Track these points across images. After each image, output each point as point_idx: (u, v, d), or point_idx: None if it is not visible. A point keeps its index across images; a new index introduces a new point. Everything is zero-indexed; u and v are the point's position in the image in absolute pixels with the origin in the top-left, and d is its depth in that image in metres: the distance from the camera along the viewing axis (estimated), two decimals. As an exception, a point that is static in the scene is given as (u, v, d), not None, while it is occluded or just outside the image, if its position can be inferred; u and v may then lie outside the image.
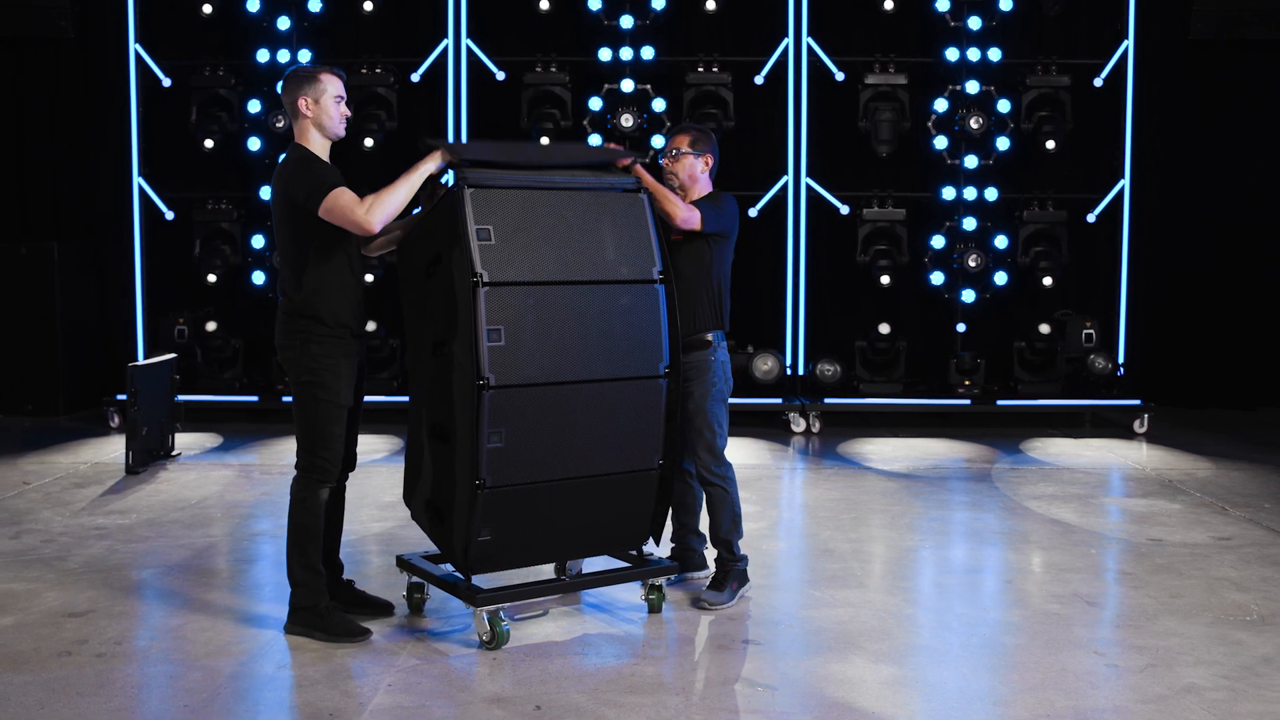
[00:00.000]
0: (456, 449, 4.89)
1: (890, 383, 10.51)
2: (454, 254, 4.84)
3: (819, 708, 4.39)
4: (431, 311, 5.03)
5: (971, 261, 10.39)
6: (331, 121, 5.12)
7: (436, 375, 5.01)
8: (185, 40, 10.74)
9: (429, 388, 5.09)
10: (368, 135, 10.26)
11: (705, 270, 5.47)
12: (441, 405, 4.98)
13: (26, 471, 8.34)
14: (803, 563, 6.37)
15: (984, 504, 7.63)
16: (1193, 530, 6.95)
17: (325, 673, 4.69)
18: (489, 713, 4.30)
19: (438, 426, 5.02)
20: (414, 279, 5.15)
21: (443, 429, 4.98)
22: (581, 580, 5.35)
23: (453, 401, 4.88)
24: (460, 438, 4.86)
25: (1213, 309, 11.12)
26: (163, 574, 5.98)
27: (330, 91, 5.12)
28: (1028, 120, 10.47)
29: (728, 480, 5.50)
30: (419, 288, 5.10)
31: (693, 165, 5.59)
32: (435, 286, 4.98)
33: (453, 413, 4.89)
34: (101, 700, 4.38)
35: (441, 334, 4.94)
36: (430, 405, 5.09)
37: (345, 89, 5.22)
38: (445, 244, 4.88)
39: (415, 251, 5.12)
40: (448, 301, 4.88)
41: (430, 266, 4.99)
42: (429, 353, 5.04)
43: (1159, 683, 4.62)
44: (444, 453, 4.99)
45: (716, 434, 5.49)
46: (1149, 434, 10.01)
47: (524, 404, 4.85)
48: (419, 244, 5.08)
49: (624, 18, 10.37)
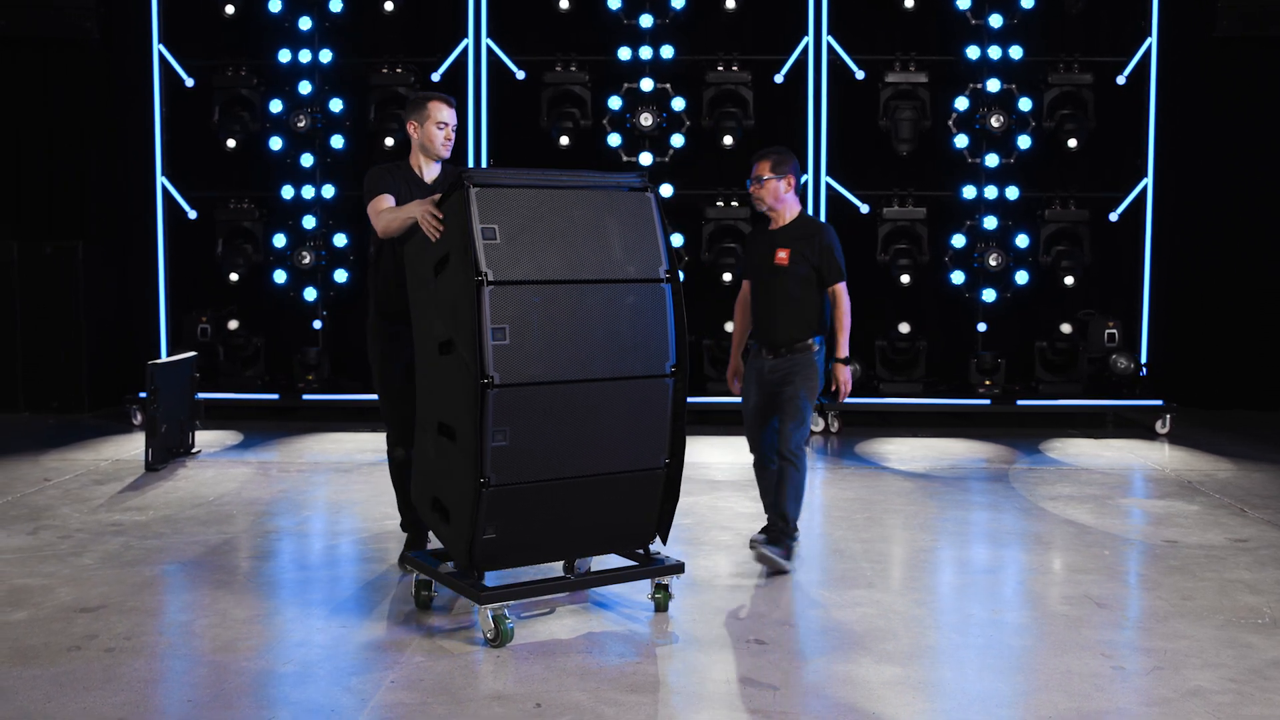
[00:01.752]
0: (462, 447, 4.90)
1: (910, 382, 10.48)
2: (461, 253, 4.85)
3: (824, 708, 4.38)
4: (439, 310, 5.05)
5: (992, 261, 10.34)
6: (433, 144, 5.76)
7: (443, 374, 5.03)
8: (208, 41, 10.84)
9: (436, 386, 5.11)
10: (388, 135, 10.31)
11: (813, 291, 6.07)
12: (448, 404, 5.00)
13: (48, 468, 8.42)
14: (814, 563, 6.35)
15: (1001, 505, 7.59)
16: (1209, 532, 6.90)
17: (330, 669, 4.72)
18: (489, 710, 4.31)
19: (444, 425, 5.04)
20: (422, 278, 5.17)
21: (448, 427, 5.00)
22: (587, 579, 5.36)
23: (458, 400, 4.90)
24: (465, 436, 4.87)
25: (1236, 309, 11.03)
26: (177, 570, 6.03)
27: (434, 117, 5.72)
28: (1049, 118, 10.42)
29: (800, 460, 5.98)
30: (427, 287, 5.12)
31: (777, 188, 6.10)
32: (443, 285, 4.99)
33: (458, 411, 4.91)
34: (108, 694, 4.42)
35: (448, 333, 4.96)
36: (437, 403, 5.11)
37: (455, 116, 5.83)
38: (455, 244, 4.90)
39: (423, 251, 5.14)
40: (454, 300, 4.90)
41: (438, 266, 5.01)
42: (436, 351, 5.06)
43: (1165, 685, 4.59)
44: (450, 451, 5.00)
45: (803, 419, 6.01)
46: (1171, 434, 9.94)
47: (528, 403, 4.86)
48: (427, 244, 5.10)
49: (644, 17, 10.38)
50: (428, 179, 5.79)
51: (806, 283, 6.04)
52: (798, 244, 6.06)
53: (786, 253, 6.04)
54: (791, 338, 6.02)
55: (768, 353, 6.11)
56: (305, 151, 10.59)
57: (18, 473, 8.26)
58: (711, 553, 6.42)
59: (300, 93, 10.54)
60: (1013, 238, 10.49)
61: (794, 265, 6.02)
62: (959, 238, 10.55)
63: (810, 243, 6.05)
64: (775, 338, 6.07)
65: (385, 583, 5.78)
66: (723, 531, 6.87)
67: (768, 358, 6.10)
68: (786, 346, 6.03)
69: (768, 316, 6.11)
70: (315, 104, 10.52)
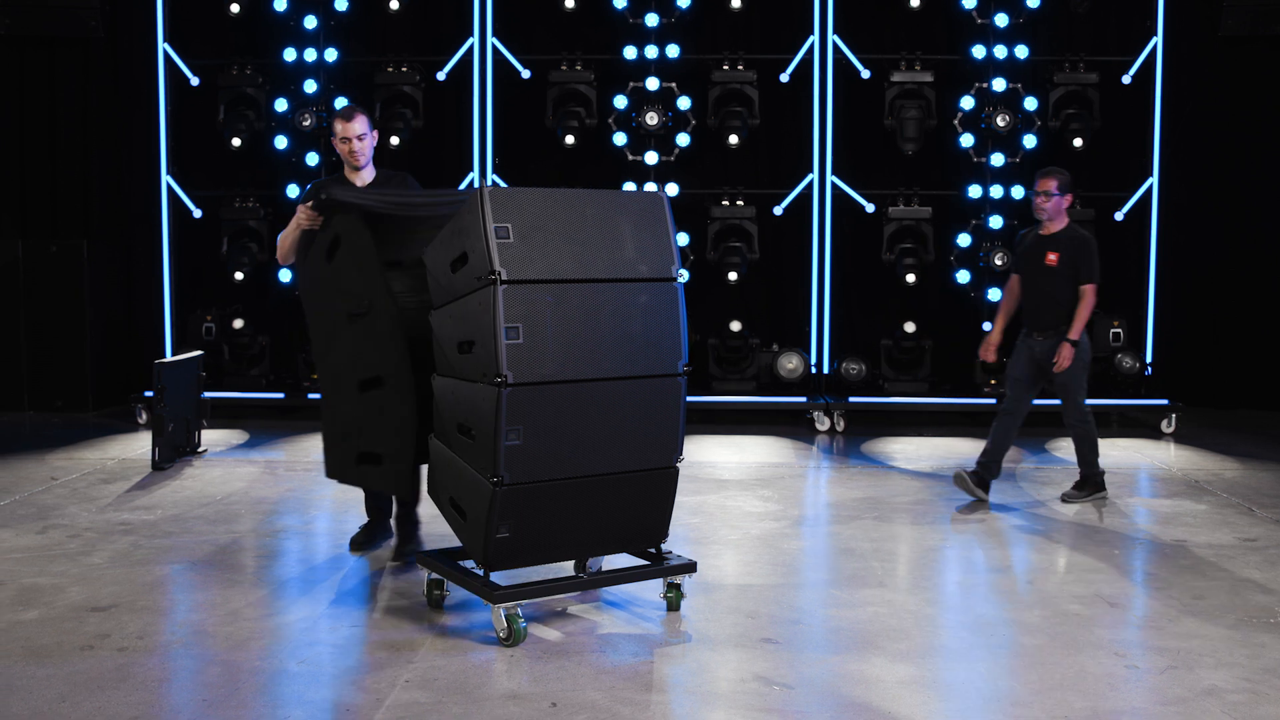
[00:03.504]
0: (476, 446, 4.90)
1: (915, 381, 10.48)
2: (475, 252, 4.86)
3: (836, 707, 4.38)
4: (455, 310, 5.04)
5: (998, 260, 10.33)
6: (344, 158, 6.18)
7: (459, 373, 5.02)
8: (213, 39, 10.84)
9: (453, 386, 5.10)
10: (393, 134, 10.30)
11: (1072, 287, 7.36)
12: (464, 403, 5.00)
13: (55, 467, 8.42)
14: (824, 561, 6.36)
15: (1008, 504, 7.59)
16: (1218, 531, 6.90)
17: (344, 668, 4.72)
18: (504, 709, 4.31)
19: (461, 423, 5.04)
20: (440, 278, 5.15)
21: (465, 426, 5.00)
22: (600, 578, 5.35)
23: (474, 399, 4.90)
24: (480, 434, 4.87)
25: (1242, 308, 11.03)
26: (187, 569, 6.03)
27: (338, 134, 6.14)
28: (1055, 118, 10.42)
29: (1085, 422, 7.50)
30: (446, 287, 5.11)
31: (1059, 203, 7.48)
32: (459, 284, 4.98)
33: (473, 410, 4.91)
34: (122, 694, 4.41)
35: (465, 333, 4.95)
36: (454, 403, 5.10)
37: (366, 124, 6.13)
38: (471, 242, 4.90)
39: (441, 251, 5.13)
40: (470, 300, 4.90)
41: (454, 265, 5.00)
42: (453, 350, 5.05)
43: (1179, 684, 4.59)
44: (466, 449, 5.01)
45: (1080, 394, 7.46)
46: (1176, 434, 9.94)
47: (542, 401, 4.86)
48: (445, 243, 5.09)
49: (649, 16, 10.38)
50: (360, 186, 6.11)
51: (1068, 280, 7.35)
52: (1065, 249, 7.41)
53: (1056, 256, 7.42)
54: (1056, 322, 7.35)
55: (1037, 335, 7.47)
56: (310, 150, 10.58)
57: (24, 472, 8.26)
58: (721, 552, 6.42)
59: (305, 91, 10.54)
60: (1018, 237, 10.46)
61: (1061, 266, 7.37)
62: (964, 237, 10.55)
63: (1075, 250, 7.39)
64: (1042, 323, 7.43)
65: (393, 582, 5.78)
66: (731, 530, 6.86)
67: (1037, 339, 7.47)
68: (1053, 330, 7.36)
69: (1036, 306, 7.51)
70: (320, 103, 10.52)
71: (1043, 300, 7.47)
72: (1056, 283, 7.41)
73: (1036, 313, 7.52)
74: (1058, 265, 7.41)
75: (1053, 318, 7.41)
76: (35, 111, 11.30)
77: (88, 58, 11.21)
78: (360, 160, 6.13)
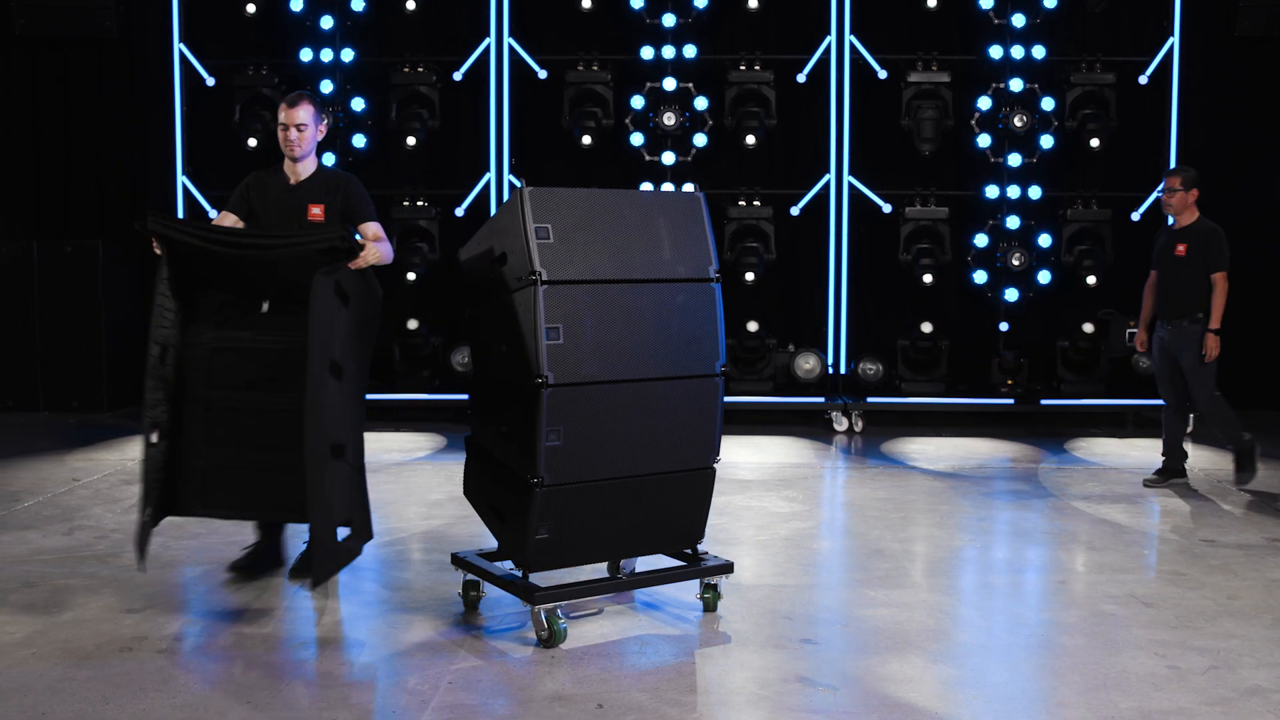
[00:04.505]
0: (516, 447, 4.90)
1: (932, 382, 10.47)
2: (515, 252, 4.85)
3: (881, 708, 4.37)
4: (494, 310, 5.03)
5: (1015, 260, 10.33)
6: (281, 146, 5.84)
7: (500, 373, 5.02)
8: (229, 40, 10.81)
9: (493, 386, 5.10)
10: (410, 134, 10.30)
11: (1204, 274, 7.84)
12: (504, 403, 4.99)
13: (75, 468, 8.40)
14: (853, 561, 6.35)
15: (1031, 504, 7.59)
16: (1245, 531, 6.90)
17: (385, 670, 4.71)
18: (551, 710, 4.30)
19: (502, 425, 5.03)
20: (479, 277, 5.14)
21: (504, 427, 4.99)
22: (640, 579, 5.33)
23: (513, 399, 4.89)
24: (520, 436, 4.86)
25: (1258, 309, 11.01)
26: (216, 570, 6.00)
27: (280, 120, 5.82)
28: (1072, 118, 10.41)
29: (1213, 409, 7.89)
30: (484, 286, 5.10)
31: (1184, 199, 8.00)
32: (498, 285, 4.97)
33: (513, 411, 4.90)
34: (165, 697, 4.40)
35: (505, 333, 4.95)
36: (495, 403, 5.10)
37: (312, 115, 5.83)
38: (510, 243, 4.89)
39: (480, 251, 5.12)
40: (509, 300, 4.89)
41: (494, 265, 4.99)
42: (494, 351, 5.05)
43: (1223, 685, 4.58)
44: (506, 450, 5.00)
45: (1209, 382, 7.85)
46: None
47: (582, 402, 4.84)
48: (484, 243, 5.08)
49: (666, 16, 10.37)
50: (293, 181, 5.88)
51: (1197, 269, 7.82)
52: (1194, 240, 7.88)
53: (1184, 247, 7.90)
54: (1183, 312, 7.84)
55: (1166, 323, 7.94)
56: (326, 151, 10.55)
57: (45, 473, 8.24)
58: (751, 551, 6.41)
59: (322, 92, 10.52)
60: (1035, 237, 10.48)
61: (1190, 256, 7.85)
62: (981, 237, 10.55)
63: (1203, 240, 7.86)
64: (1171, 311, 7.93)
65: (426, 583, 5.76)
66: (760, 531, 6.86)
67: (1166, 328, 7.94)
68: (1181, 317, 7.86)
69: (1167, 296, 7.98)
70: (337, 103, 10.50)
71: (1173, 290, 7.93)
72: (1186, 272, 7.87)
73: (1167, 302, 7.98)
74: (1186, 256, 7.87)
75: (1181, 306, 7.86)
76: (50, 112, 11.28)
77: (103, 58, 11.20)
78: (297, 151, 5.77)
